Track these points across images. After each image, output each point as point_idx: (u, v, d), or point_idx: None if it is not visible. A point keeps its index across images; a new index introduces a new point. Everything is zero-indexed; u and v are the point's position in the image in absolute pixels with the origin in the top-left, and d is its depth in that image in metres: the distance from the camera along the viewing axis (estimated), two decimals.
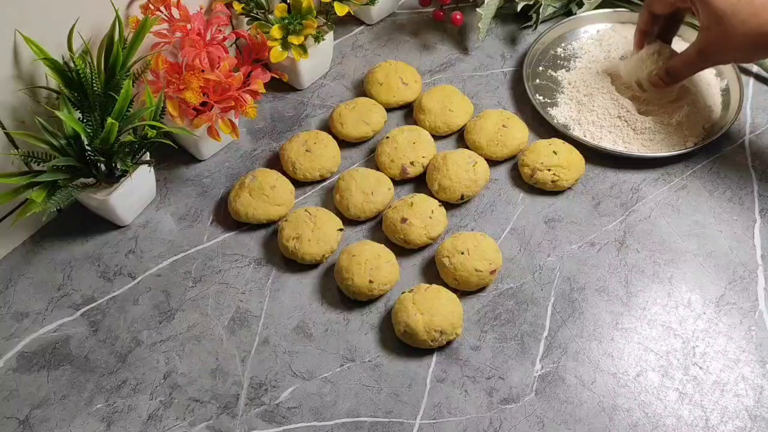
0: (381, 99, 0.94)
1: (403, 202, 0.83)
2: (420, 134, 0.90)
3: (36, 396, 0.74)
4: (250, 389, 0.74)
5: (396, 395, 0.73)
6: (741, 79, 0.94)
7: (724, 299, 0.78)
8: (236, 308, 0.80)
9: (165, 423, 0.72)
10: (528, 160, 0.87)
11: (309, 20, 0.88)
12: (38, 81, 0.77)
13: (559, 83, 0.97)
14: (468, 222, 0.86)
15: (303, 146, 0.88)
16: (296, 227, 0.82)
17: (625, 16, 1.03)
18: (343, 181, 0.86)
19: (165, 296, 0.81)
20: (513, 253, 0.83)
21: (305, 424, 0.72)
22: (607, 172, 0.89)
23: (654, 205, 0.86)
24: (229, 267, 0.83)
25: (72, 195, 0.78)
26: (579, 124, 0.92)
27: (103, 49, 0.79)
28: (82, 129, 0.76)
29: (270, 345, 0.77)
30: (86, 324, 0.79)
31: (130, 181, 0.81)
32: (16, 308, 0.80)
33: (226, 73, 0.83)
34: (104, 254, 0.84)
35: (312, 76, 0.99)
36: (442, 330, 0.74)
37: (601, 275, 0.81)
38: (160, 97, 0.80)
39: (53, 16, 0.76)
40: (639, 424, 0.71)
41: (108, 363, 0.76)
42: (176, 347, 0.77)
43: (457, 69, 1.00)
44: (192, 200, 0.89)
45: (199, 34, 0.83)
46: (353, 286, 0.78)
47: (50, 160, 0.76)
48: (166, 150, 0.85)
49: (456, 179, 0.85)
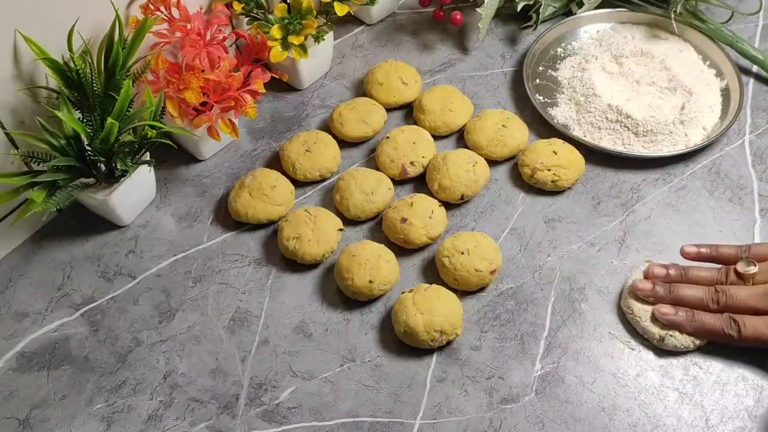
0: (381, 99, 0.94)
1: (403, 202, 0.83)
2: (420, 134, 0.90)
3: (36, 396, 0.74)
4: (250, 389, 0.74)
5: (396, 395, 0.73)
6: (741, 79, 0.94)
7: None
8: (236, 308, 0.80)
9: (165, 423, 0.72)
10: (528, 160, 0.87)
11: (309, 20, 0.88)
12: (38, 81, 0.77)
13: (559, 83, 0.97)
14: (468, 222, 0.86)
15: (303, 146, 0.88)
16: (296, 227, 0.82)
17: (625, 16, 1.03)
18: (343, 181, 0.86)
19: (165, 296, 0.81)
20: (513, 253, 0.83)
21: (305, 424, 0.72)
22: (607, 172, 0.89)
23: (654, 205, 0.86)
24: (229, 267, 0.83)
25: (72, 195, 0.78)
26: (579, 124, 0.92)
27: (103, 49, 0.79)
28: (82, 129, 0.76)
29: (270, 345, 0.77)
30: (86, 324, 0.79)
31: (130, 181, 0.81)
32: (16, 308, 0.80)
33: (226, 73, 0.83)
34: (104, 254, 0.84)
35: (312, 76, 0.99)
36: (442, 330, 0.74)
37: (601, 275, 0.81)
38: (160, 97, 0.80)
39: (53, 16, 0.76)
40: (639, 424, 0.71)
41: (108, 363, 0.76)
42: (176, 347, 0.77)
43: (457, 69, 1.00)
44: (192, 200, 0.89)
45: (199, 34, 0.83)
46: (353, 286, 0.78)
47: (50, 160, 0.76)
48: (166, 150, 0.85)
49: (456, 179, 0.85)
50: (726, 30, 0.98)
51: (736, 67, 0.95)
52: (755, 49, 0.97)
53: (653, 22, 1.02)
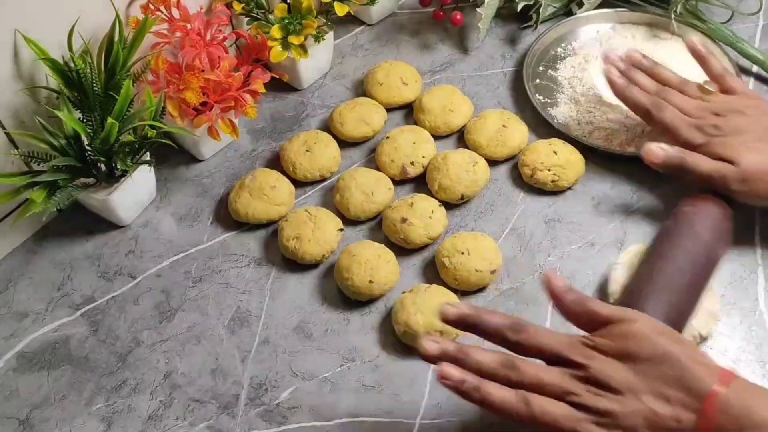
0: (381, 99, 0.94)
1: (403, 202, 0.83)
2: (420, 134, 0.90)
3: (36, 396, 0.74)
4: (250, 389, 0.74)
5: (396, 395, 0.73)
6: (741, 79, 0.93)
7: (724, 299, 0.78)
8: (236, 308, 0.80)
9: (165, 423, 0.72)
10: (528, 160, 0.87)
11: (309, 20, 0.88)
12: (38, 81, 0.77)
13: (559, 83, 0.97)
14: (468, 222, 0.86)
15: (303, 146, 0.89)
16: (296, 227, 0.82)
17: (625, 16, 1.03)
18: (343, 181, 0.86)
19: (165, 296, 0.81)
20: (513, 253, 0.83)
21: (305, 424, 0.72)
22: (607, 172, 0.89)
23: (654, 206, 0.86)
24: (229, 267, 0.83)
25: (72, 195, 0.78)
26: (579, 124, 0.92)
27: (103, 49, 0.79)
28: (82, 129, 0.76)
29: (270, 345, 0.77)
30: (86, 324, 0.79)
31: (130, 181, 0.81)
32: (16, 308, 0.80)
33: (226, 73, 0.83)
34: (104, 254, 0.84)
35: (312, 76, 0.99)
36: (442, 330, 0.74)
37: (601, 275, 0.81)
38: (160, 97, 0.80)
39: (53, 16, 0.76)
40: None
41: (108, 363, 0.76)
42: (176, 347, 0.77)
43: (457, 69, 1.00)
44: (192, 200, 0.89)
45: (199, 34, 0.83)
46: (353, 286, 0.78)
47: (50, 160, 0.76)
48: (166, 150, 0.85)
49: (456, 179, 0.85)
50: (726, 30, 0.98)
51: (736, 67, 0.95)
52: (755, 49, 0.97)
53: (653, 22, 1.02)
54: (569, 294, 0.64)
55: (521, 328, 0.61)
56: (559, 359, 0.60)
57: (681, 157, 0.78)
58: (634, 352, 0.58)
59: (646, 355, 0.58)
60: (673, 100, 0.83)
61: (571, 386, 0.59)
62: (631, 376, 0.58)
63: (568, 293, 0.64)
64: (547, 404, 0.58)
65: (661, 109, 0.82)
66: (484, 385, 0.60)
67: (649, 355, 0.58)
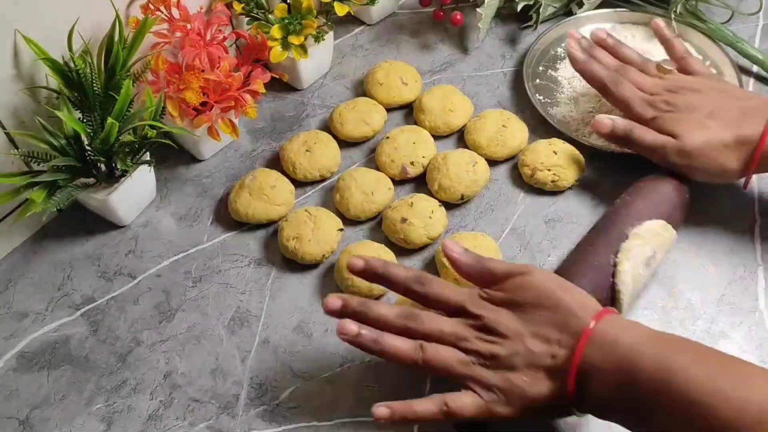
0: (381, 99, 0.95)
1: (403, 202, 0.83)
2: (420, 134, 0.90)
3: (36, 396, 0.74)
4: (250, 389, 0.74)
5: (396, 395, 0.73)
6: (741, 79, 0.94)
7: (724, 299, 0.78)
8: (236, 308, 0.80)
9: (165, 423, 0.72)
10: (528, 160, 0.87)
11: (309, 20, 0.88)
12: (38, 81, 0.77)
13: (559, 83, 0.97)
14: (468, 222, 0.86)
15: (303, 146, 0.89)
16: (296, 227, 0.82)
17: (625, 16, 1.03)
18: (343, 181, 0.86)
19: (165, 296, 0.81)
20: (513, 253, 0.83)
21: (305, 424, 0.72)
22: (608, 172, 0.89)
23: None
24: (229, 267, 0.83)
25: (72, 195, 0.78)
26: (579, 124, 0.92)
27: (103, 49, 0.79)
28: (82, 129, 0.76)
29: (270, 345, 0.77)
30: (86, 324, 0.79)
31: (130, 181, 0.81)
32: (16, 308, 0.80)
33: (226, 73, 0.83)
34: (104, 254, 0.84)
35: (312, 76, 0.99)
36: None
37: None
38: (160, 97, 0.80)
39: (53, 16, 0.76)
40: None
41: (108, 363, 0.76)
42: (176, 347, 0.77)
43: (457, 69, 1.00)
44: (192, 200, 0.89)
45: (199, 34, 0.83)
46: (353, 286, 0.78)
47: (50, 160, 0.76)
48: (166, 150, 0.85)
49: (456, 179, 0.85)
50: (726, 30, 0.98)
51: (736, 67, 0.95)
52: (755, 49, 0.97)
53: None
54: (465, 256, 0.69)
55: (426, 281, 0.67)
56: (460, 311, 0.66)
57: (628, 128, 0.81)
58: (522, 300, 0.64)
59: (531, 302, 0.64)
60: (631, 76, 0.85)
61: (464, 333, 0.64)
62: (517, 322, 0.64)
63: (464, 255, 0.69)
64: (441, 350, 0.64)
65: (617, 83, 0.84)
66: (382, 337, 0.65)
67: (534, 302, 0.64)
